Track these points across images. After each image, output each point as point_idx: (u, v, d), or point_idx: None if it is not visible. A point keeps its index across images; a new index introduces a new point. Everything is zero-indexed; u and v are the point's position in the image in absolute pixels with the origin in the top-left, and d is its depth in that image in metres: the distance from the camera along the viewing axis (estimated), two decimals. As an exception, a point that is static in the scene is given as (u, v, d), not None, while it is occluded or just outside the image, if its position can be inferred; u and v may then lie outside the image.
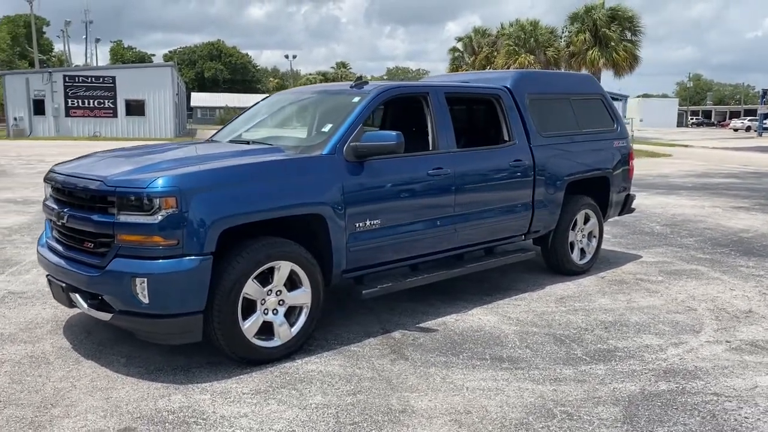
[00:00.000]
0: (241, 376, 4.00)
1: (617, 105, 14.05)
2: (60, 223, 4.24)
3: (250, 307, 4.13)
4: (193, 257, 3.78)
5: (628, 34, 31.72)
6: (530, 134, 5.99)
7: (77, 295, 4.07)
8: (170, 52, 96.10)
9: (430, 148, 5.27)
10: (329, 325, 4.99)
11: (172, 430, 3.34)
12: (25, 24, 69.34)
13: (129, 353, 4.33)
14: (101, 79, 40.16)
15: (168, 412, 3.52)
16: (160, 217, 3.72)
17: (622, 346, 4.63)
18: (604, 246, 7.87)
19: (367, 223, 4.65)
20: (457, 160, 5.29)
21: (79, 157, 4.96)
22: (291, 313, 4.35)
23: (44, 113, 39.39)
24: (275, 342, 4.23)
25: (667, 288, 6.19)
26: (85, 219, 3.99)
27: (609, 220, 7.35)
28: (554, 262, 6.52)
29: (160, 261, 3.75)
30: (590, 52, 31.40)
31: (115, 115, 40.26)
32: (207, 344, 4.10)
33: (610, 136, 6.92)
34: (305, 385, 3.91)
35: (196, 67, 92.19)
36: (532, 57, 34.29)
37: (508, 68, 33.67)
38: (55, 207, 4.31)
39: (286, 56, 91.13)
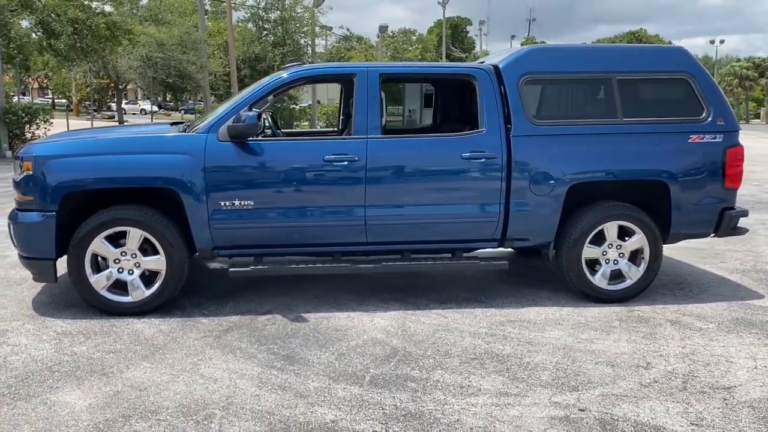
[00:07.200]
0: (81, 321, 4.68)
1: None
2: None
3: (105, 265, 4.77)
4: (39, 212, 4.61)
5: None
6: (514, 122, 5.01)
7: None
8: (583, 43, 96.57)
9: (349, 134, 5.00)
10: (232, 294, 5.27)
11: (-33, 344, 4.27)
12: (450, 26, 78.39)
13: (64, 285, 5.33)
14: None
15: (-12, 332, 4.47)
16: (22, 177, 4.66)
17: (436, 380, 3.78)
18: (733, 278, 6.00)
19: (236, 203, 4.75)
20: (374, 147, 4.88)
21: None
22: (153, 277, 4.81)
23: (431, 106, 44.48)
24: (127, 299, 4.77)
25: (684, 338, 4.50)
26: (18, 178, 5.16)
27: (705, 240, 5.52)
28: (568, 283, 5.30)
29: (21, 213, 4.70)
30: None
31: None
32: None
33: (686, 128, 5.17)
34: (81, 337, 4.36)
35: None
36: None
37: None
38: None
39: (712, 42, 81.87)
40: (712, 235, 5.43)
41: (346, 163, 4.82)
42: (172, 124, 5.68)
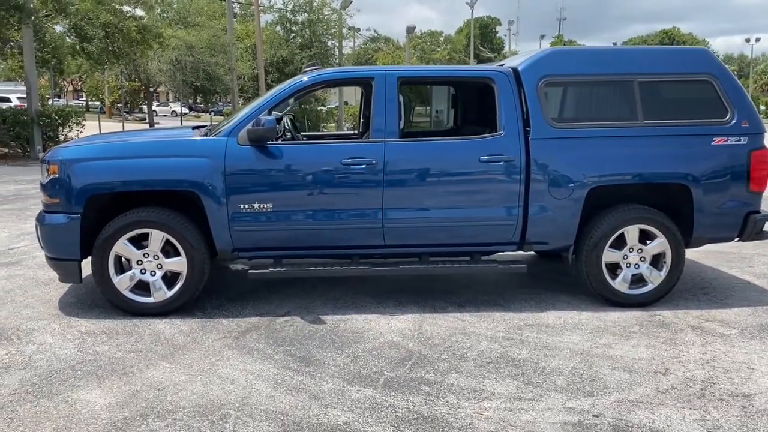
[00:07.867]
0: (105, 320, 4.79)
1: None
2: None
3: (129, 266, 4.87)
4: (65, 214, 4.73)
5: None
6: (533, 124, 4.99)
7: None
8: (614, 43, 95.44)
9: (368, 137, 5.04)
10: (253, 295, 5.33)
11: (-7, 340, 4.41)
12: (479, 26, 78.02)
13: (89, 285, 5.46)
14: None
15: (13, 329, 4.59)
16: (48, 180, 4.78)
17: (450, 383, 3.79)
18: (759, 283, 5.95)
19: (256, 205, 4.81)
20: (391, 150, 4.90)
21: None
22: (174, 278, 4.90)
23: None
24: (149, 300, 4.86)
25: (705, 344, 4.43)
26: (46, 181, 5.29)
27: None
28: (588, 288, 5.25)
29: (48, 215, 4.82)
30: None
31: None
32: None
33: (709, 130, 5.10)
34: (104, 337, 4.47)
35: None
36: None
37: None
38: None
39: (747, 40, 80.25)
40: (737, 239, 5.33)
41: (363, 166, 4.85)
42: (194, 127, 5.78)
